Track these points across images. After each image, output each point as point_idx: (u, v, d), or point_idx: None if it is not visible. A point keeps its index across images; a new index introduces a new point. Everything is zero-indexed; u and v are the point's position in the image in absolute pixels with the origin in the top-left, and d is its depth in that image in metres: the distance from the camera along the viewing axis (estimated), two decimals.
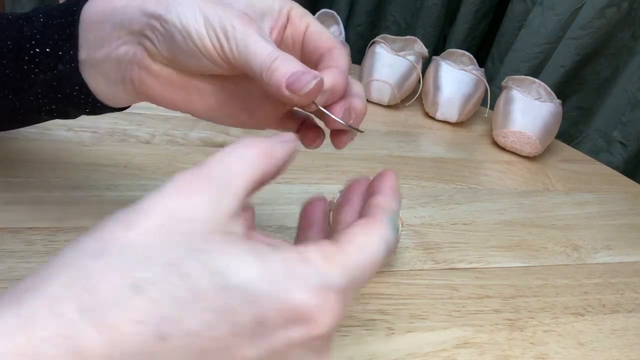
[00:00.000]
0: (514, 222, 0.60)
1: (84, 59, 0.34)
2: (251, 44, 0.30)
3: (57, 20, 0.34)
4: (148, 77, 0.34)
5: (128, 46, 0.33)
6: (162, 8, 0.31)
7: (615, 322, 0.48)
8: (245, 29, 0.30)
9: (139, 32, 0.32)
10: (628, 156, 1.06)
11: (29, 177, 0.47)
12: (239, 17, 0.31)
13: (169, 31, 0.31)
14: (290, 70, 0.30)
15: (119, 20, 0.32)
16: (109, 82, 0.35)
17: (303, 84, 0.30)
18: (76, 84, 0.35)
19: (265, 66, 0.30)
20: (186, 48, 0.31)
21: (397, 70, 0.78)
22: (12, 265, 0.38)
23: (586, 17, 0.98)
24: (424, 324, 0.43)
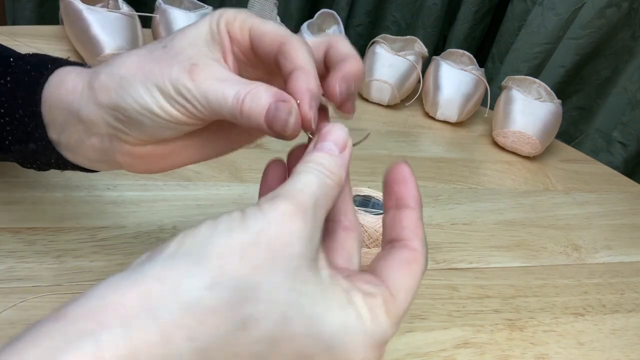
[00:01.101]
0: (514, 222, 0.60)
1: (57, 139, 0.33)
2: (212, 96, 0.28)
3: (21, 93, 0.32)
4: (133, 159, 0.32)
5: (99, 138, 0.32)
6: (114, 96, 0.29)
7: (615, 322, 0.48)
8: (198, 82, 0.28)
9: (105, 125, 0.31)
10: (628, 156, 1.06)
11: (29, 177, 0.47)
12: (186, 71, 0.28)
13: (134, 117, 0.29)
14: (263, 106, 0.28)
15: (76, 111, 0.31)
16: (92, 162, 0.34)
17: (280, 124, 0.28)
18: (52, 157, 0.33)
19: (236, 113, 0.28)
20: (156, 124, 0.30)
21: (397, 70, 0.78)
22: (12, 265, 0.38)
23: (586, 17, 0.98)
24: (424, 324, 0.43)
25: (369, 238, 0.43)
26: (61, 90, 0.32)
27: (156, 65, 0.29)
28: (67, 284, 0.38)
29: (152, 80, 0.29)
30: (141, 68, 0.29)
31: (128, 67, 0.30)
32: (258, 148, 0.61)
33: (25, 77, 0.33)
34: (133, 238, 0.43)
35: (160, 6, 0.74)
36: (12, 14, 1.12)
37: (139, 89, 0.29)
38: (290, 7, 1.22)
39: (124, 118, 0.30)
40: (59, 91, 0.32)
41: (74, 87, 0.31)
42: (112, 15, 0.67)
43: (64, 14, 0.70)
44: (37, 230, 0.42)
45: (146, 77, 0.29)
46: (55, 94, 0.32)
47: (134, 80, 0.29)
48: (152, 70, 0.29)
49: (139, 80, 0.29)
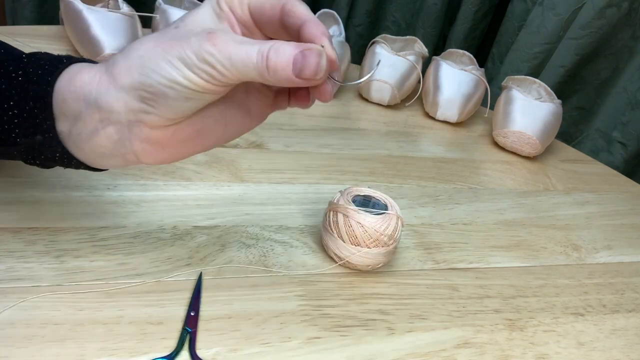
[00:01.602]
0: (514, 222, 0.60)
1: (66, 131, 0.33)
2: (235, 56, 0.30)
3: (33, 86, 0.33)
4: (153, 146, 0.33)
5: (117, 126, 0.32)
6: (137, 75, 0.30)
7: (615, 322, 0.48)
8: (220, 46, 0.30)
9: (126, 110, 0.31)
10: (628, 156, 1.06)
11: (29, 177, 0.47)
12: (207, 39, 0.30)
13: (159, 91, 0.30)
14: (289, 58, 0.30)
15: (94, 100, 0.31)
16: (102, 156, 0.34)
17: (314, 67, 0.30)
18: (58, 152, 0.34)
19: (262, 69, 0.30)
20: (182, 96, 0.30)
21: (397, 70, 0.78)
22: (12, 265, 0.38)
23: (586, 17, 0.98)
24: (424, 324, 0.43)
25: (369, 238, 0.43)
26: (76, 82, 0.32)
27: (174, 41, 0.30)
28: (67, 284, 0.38)
29: (174, 54, 0.30)
30: (159, 46, 0.30)
31: (146, 48, 0.31)
32: (258, 148, 0.61)
33: (38, 70, 0.33)
34: (133, 238, 0.43)
35: (160, 6, 0.74)
36: (12, 14, 1.12)
37: (161, 63, 0.30)
38: None
39: (149, 95, 0.30)
40: (74, 83, 0.32)
41: (90, 78, 0.32)
42: (112, 15, 0.67)
43: (64, 14, 0.70)
44: (37, 230, 0.42)
45: (166, 52, 0.30)
46: (70, 86, 0.32)
47: (154, 57, 0.30)
48: (171, 45, 0.30)
49: (159, 56, 0.30)
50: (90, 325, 0.36)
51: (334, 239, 0.45)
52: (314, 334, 0.39)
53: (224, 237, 0.46)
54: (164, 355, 0.35)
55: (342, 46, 0.81)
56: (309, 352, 0.38)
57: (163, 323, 0.37)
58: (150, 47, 0.31)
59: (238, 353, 0.36)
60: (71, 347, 0.34)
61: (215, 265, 0.43)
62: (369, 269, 0.46)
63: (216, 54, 0.29)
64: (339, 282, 0.45)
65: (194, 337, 0.36)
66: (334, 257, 0.46)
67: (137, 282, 0.40)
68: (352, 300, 0.43)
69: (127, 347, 0.35)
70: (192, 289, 0.40)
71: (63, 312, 0.36)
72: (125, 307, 0.37)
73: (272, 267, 0.44)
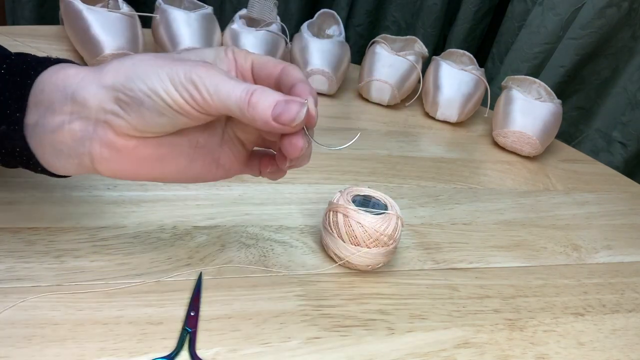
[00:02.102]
0: (514, 222, 0.60)
1: (33, 123, 0.32)
2: (222, 85, 0.30)
3: (14, 77, 0.33)
4: (111, 152, 0.32)
5: (84, 123, 0.32)
6: (122, 77, 0.31)
7: (615, 322, 0.48)
8: (211, 73, 0.31)
9: (98, 108, 0.31)
10: (628, 156, 1.06)
11: (29, 177, 0.47)
12: (201, 65, 0.31)
13: (136, 97, 0.31)
14: (272, 102, 0.31)
15: (72, 92, 0.31)
16: (59, 155, 0.33)
17: (293, 114, 0.31)
18: (18, 146, 0.33)
19: (243, 103, 0.30)
20: (156, 109, 0.31)
21: (397, 70, 0.78)
22: (12, 265, 0.38)
23: (586, 17, 0.98)
24: (424, 324, 0.43)
25: (369, 238, 0.43)
26: (60, 75, 0.32)
27: (169, 61, 0.31)
28: (67, 284, 0.38)
29: (164, 69, 0.31)
30: (154, 60, 0.31)
31: (141, 59, 0.32)
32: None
33: (23, 65, 0.33)
34: (133, 238, 0.43)
35: (160, 6, 0.74)
36: (12, 14, 1.12)
37: (149, 73, 0.31)
38: (290, 7, 1.22)
39: (125, 98, 0.31)
40: (57, 75, 0.32)
41: (75, 73, 0.32)
42: (112, 15, 0.67)
43: (64, 14, 0.70)
44: (37, 230, 0.42)
45: (158, 66, 0.31)
46: (52, 78, 0.32)
47: (145, 67, 0.31)
48: (166, 64, 0.31)
49: (150, 67, 0.31)
50: (90, 325, 0.36)
51: (334, 239, 0.45)
52: (314, 334, 0.39)
53: (223, 237, 0.46)
54: (164, 355, 0.35)
55: (342, 46, 0.81)
56: (309, 352, 0.38)
57: (163, 323, 0.37)
58: (146, 59, 0.31)
59: (238, 353, 0.36)
60: (71, 347, 0.34)
61: (215, 265, 0.43)
62: (369, 269, 0.46)
63: (204, 78, 0.30)
64: (339, 282, 0.45)
65: (193, 337, 0.36)
66: (334, 257, 0.46)
67: (137, 282, 0.40)
68: (352, 300, 0.43)
69: (127, 347, 0.35)
70: (192, 289, 0.40)
71: (63, 312, 0.36)
72: (125, 307, 0.37)
73: (272, 267, 0.44)
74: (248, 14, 0.77)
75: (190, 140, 0.35)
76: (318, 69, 0.76)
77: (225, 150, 0.37)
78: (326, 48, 0.78)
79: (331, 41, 0.79)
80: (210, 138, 0.36)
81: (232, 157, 0.37)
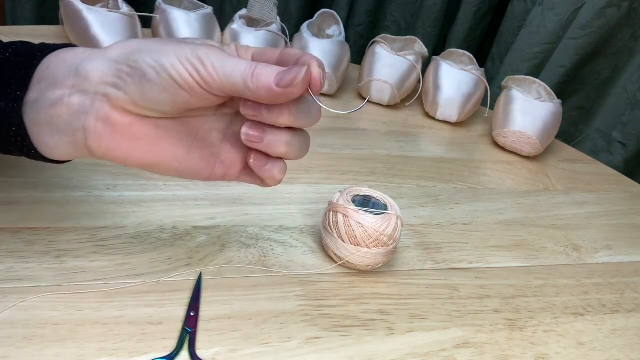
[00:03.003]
0: (514, 222, 0.60)
1: (33, 100, 0.32)
2: (227, 61, 0.31)
3: (19, 58, 0.33)
4: (106, 128, 0.32)
5: (83, 96, 0.32)
6: (127, 51, 0.32)
7: (615, 322, 0.48)
8: (217, 51, 0.32)
9: (99, 81, 0.32)
10: (628, 156, 1.06)
11: (29, 177, 0.47)
12: (207, 46, 0.32)
13: (140, 69, 0.31)
14: (275, 70, 0.31)
15: (76, 66, 0.32)
16: (54, 131, 0.33)
17: (294, 74, 0.31)
18: (14, 124, 0.33)
19: (247, 75, 0.31)
20: (159, 82, 0.31)
21: (397, 70, 0.78)
22: (12, 265, 0.38)
23: (586, 17, 0.98)
24: (424, 324, 0.43)
25: (369, 238, 0.43)
26: (68, 53, 0.33)
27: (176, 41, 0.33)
28: (67, 284, 0.38)
29: (171, 47, 0.32)
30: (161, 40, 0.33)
31: (148, 39, 0.33)
32: None
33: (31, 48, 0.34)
34: (133, 238, 0.43)
35: (160, 6, 0.74)
36: (12, 14, 1.12)
37: (156, 48, 0.31)
38: (290, 7, 1.22)
39: (128, 69, 0.31)
40: (66, 54, 0.33)
41: (84, 50, 0.33)
42: (112, 15, 0.67)
43: (64, 14, 0.70)
44: (37, 230, 0.42)
45: (163, 44, 0.32)
46: (60, 56, 0.33)
47: (153, 44, 0.32)
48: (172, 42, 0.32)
49: (155, 45, 0.32)
50: (90, 325, 0.36)
51: (333, 239, 0.45)
52: (314, 334, 0.39)
53: (223, 237, 0.46)
54: (163, 356, 0.35)
55: (342, 46, 0.81)
56: (309, 352, 0.38)
57: (163, 323, 0.37)
58: (153, 40, 0.33)
59: (238, 353, 0.36)
60: (71, 347, 0.34)
61: (215, 265, 0.43)
62: (369, 269, 0.46)
63: (210, 55, 0.31)
64: (338, 282, 0.45)
65: (193, 337, 0.36)
66: (334, 257, 0.46)
67: (137, 282, 0.40)
68: (352, 300, 0.43)
69: (126, 347, 0.35)
70: (192, 289, 0.40)
71: (63, 312, 0.36)
72: (125, 308, 0.37)
73: (272, 267, 0.44)
74: (248, 14, 0.77)
75: (190, 129, 0.35)
76: None
77: (226, 147, 0.37)
78: (326, 48, 0.78)
79: (331, 41, 0.79)
80: (211, 132, 0.36)
81: (233, 155, 0.37)
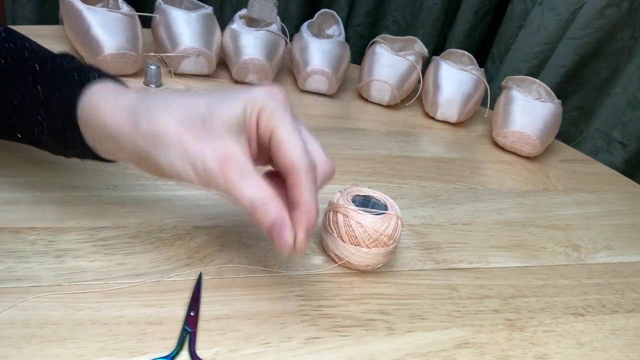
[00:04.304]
0: (514, 222, 0.60)
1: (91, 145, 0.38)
2: (234, 190, 0.33)
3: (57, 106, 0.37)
4: None
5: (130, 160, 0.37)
6: (152, 149, 0.34)
7: (615, 322, 0.48)
8: (225, 177, 0.33)
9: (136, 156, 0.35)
10: (628, 156, 1.06)
11: (29, 177, 0.47)
12: (218, 161, 0.33)
13: (160, 166, 0.34)
14: (270, 222, 0.34)
15: (115, 141, 0.35)
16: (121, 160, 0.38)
17: (282, 244, 0.34)
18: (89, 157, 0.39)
19: (248, 213, 0.34)
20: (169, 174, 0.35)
21: (397, 70, 0.78)
22: (12, 265, 0.38)
23: (586, 17, 0.98)
24: (424, 324, 0.43)
25: (369, 238, 0.43)
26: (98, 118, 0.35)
27: (193, 140, 0.33)
28: (67, 284, 0.38)
29: (187, 154, 0.33)
30: (179, 138, 0.33)
31: (168, 131, 0.33)
32: None
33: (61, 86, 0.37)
34: (133, 238, 0.43)
35: (160, 6, 0.74)
36: (12, 14, 1.12)
37: (174, 154, 0.33)
38: (290, 7, 1.21)
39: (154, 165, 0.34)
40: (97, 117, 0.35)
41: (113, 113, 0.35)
42: (112, 15, 0.67)
43: (64, 14, 0.70)
44: (37, 230, 0.42)
45: (183, 149, 0.33)
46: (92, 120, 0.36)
47: (171, 146, 0.33)
48: (190, 145, 0.33)
49: (175, 148, 0.33)
50: (90, 325, 0.36)
51: (333, 239, 0.45)
52: (314, 334, 0.39)
53: (223, 237, 0.46)
54: (163, 355, 0.35)
55: (342, 46, 0.81)
56: (309, 352, 0.38)
57: (163, 323, 0.37)
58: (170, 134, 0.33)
59: (238, 353, 0.36)
60: (71, 347, 0.34)
61: (215, 265, 0.43)
62: (369, 269, 0.46)
63: (219, 180, 0.33)
64: (338, 282, 0.45)
65: (193, 337, 0.36)
66: (334, 257, 0.46)
67: (137, 282, 0.40)
68: (352, 301, 0.43)
69: (126, 347, 0.35)
70: (192, 289, 0.40)
71: (63, 312, 0.36)
72: (125, 307, 0.37)
73: (272, 267, 0.44)
74: (248, 14, 0.77)
75: None
76: (318, 69, 0.76)
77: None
78: (326, 48, 0.78)
79: (331, 41, 0.79)
80: None
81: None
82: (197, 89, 0.72)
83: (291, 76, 0.83)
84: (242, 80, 0.75)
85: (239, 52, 0.73)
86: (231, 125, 0.34)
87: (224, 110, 0.34)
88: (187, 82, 0.72)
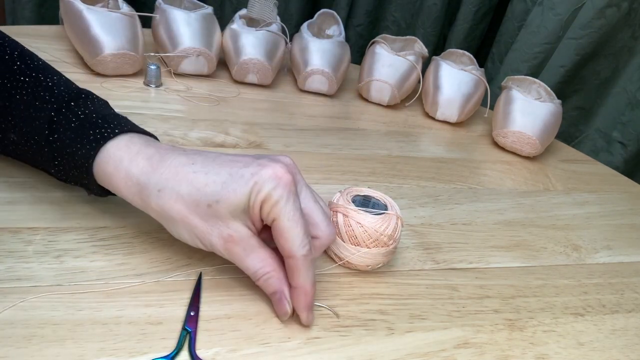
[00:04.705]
0: (514, 222, 0.60)
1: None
2: (239, 263, 0.38)
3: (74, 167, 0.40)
4: None
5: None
6: (163, 221, 0.38)
7: (615, 322, 0.48)
8: (231, 253, 0.38)
9: None
10: (628, 156, 1.06)
11: (29, 177, 0.47)
12: (223, 239, 0.37)
13: (170, 232, 0.39)
14: (273, 289, 0.39)
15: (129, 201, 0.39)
16: None
17: (280, 312, 0.39)
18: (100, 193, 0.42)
19: (253, 279, 0.39)
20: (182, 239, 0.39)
21: (397, 70, 0.78)
22: (12, 265, 0.38)
23: (586, 17, 0.98)
24: (424, 324, 0.43)
25: (369, 238, 0.43)
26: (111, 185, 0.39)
27: (200, 223, 0.37)
28: (67, 284, 0.38)
29: (195, 234, 0.37)
30: (187, 221, 0.37)
31: (176, 213, 0.37)
32: (258, 148, 0.62)
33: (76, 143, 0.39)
34: (133, 238, 0.43)
35: (160, 6, 0.74)
36: (12, 14, 1.12)
37: (183, 230, 0.38)
38: (290, 7, 1.22)
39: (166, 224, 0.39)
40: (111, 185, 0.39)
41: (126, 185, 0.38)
42: (112, 15, 0.67)
43: (64, 14, 0.70)
44: (37, 230, 0.42)
45: (191, 228, 0.37)
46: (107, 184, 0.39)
47: (180, 224, 0.37)
48: (197, 227, 0.37)
49: (184, 226, 0.37)
50: (89, 325, 0.36)
51: None
52: (314, 334, 0.39)
53: None
54: (163, 355, 0.35)
55: (342, 46, 0.81)
56: (309, 352, 0.38)
57: (163, 323, 0.37)
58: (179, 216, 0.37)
59: (238, 353, 0.36)
60: (71, 347, 0.34)
61: (215, 265, 0.43)
62: (369, 269, 0.46)
63: (224, 254, 0.38)
64: (339, 282, 0.45)
65: (193, 337, 0.36)
66: (334, 257, 0.46)
67: (137, 282, 0.40)
68: (352, 300, 0.43)
69: (126, 347, 0.35)
70: (192, 289, 0.40)
71: (62, 312, 0.36)
72: (125, 307, 0.37)
73: None
74: (248, 14, 0.77)
75: None
76: (318, 69, 0.76)
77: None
78: (326, 48, 0.78)
79: (331, 41, 0.79)
80: None
81: None
82: (197, 89, 0.72)
83: (291, 76, 0.83)
84: (242, 80, 0.75)
85: (239, 52, 0.73)
86: (236, 210, 0.36)
87: (229, 196, 0.36)
88: (187, 82, 0.72)
